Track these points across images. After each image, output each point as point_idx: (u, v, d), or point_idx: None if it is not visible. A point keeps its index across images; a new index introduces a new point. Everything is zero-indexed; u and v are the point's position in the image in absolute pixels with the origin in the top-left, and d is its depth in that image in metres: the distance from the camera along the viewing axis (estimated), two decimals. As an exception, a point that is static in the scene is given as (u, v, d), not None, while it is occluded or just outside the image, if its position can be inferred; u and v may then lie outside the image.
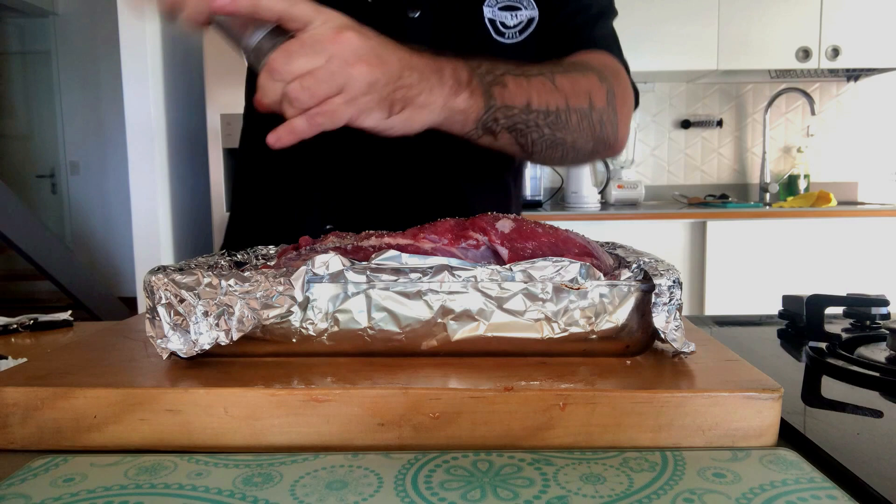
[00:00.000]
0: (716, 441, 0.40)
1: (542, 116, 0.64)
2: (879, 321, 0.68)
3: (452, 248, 0.50)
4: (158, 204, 2.74)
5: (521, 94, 0.62)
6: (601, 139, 0.72)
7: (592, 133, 0.70)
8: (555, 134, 0.67)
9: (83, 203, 5.16)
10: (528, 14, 0.79)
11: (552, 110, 0.65)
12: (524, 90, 0.63)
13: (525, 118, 0.63)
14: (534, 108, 0.63)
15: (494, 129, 0.62)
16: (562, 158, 0.73)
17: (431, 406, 0.40)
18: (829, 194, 2.67)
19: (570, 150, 0.71)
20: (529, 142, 0.66)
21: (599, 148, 0.74)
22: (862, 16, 2.62)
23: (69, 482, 0.35)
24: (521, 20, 0.78)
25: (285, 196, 0.86)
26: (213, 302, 0.44)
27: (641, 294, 0.46)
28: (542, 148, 0.68)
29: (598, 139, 0.72)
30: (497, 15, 0.78)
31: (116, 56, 2.72)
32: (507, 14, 0.78)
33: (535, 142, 0.66)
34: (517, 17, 0.78)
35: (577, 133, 0.69)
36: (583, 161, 0.78)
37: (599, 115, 0.70)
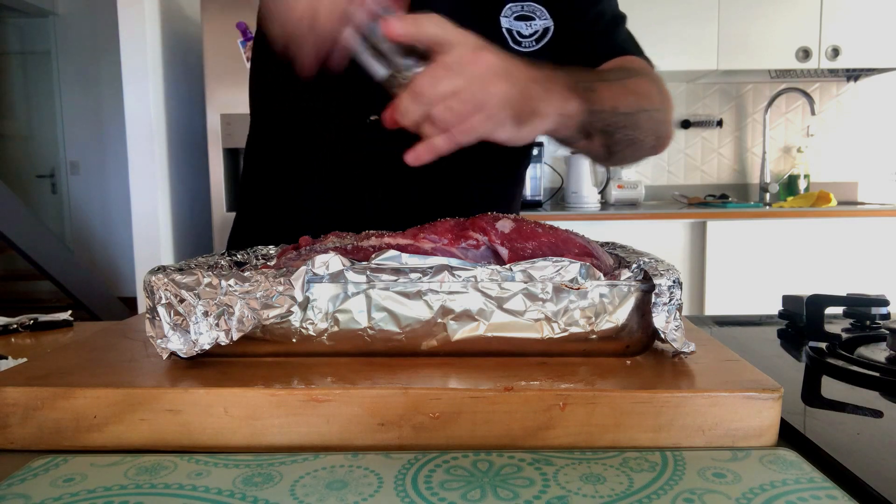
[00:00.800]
0: (716, 441, 0.40)
1: (624, 118, 0.68)
2: (879, 321, 0.68)
3: (452, 248, 0.50)
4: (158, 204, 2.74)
5: (609, 99, 0.66)
6: (659, 135, 0.76)
7: (655, 131, 0.74)
8: (633, 134, 0.71)
9: (83, 203, 5.16)
10: (543, 24, 0.81)
11: (631, 112, 0.69)
12: (610, 94, 0.66)
13: (613, 120, 0.66)
14: (619, 111, 0.67)
15: (591, 131, 0.65)
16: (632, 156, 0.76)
17: (431, 406, 0.40)
18: (829, 194, 2.67)
19: (638, 148, 0.74)
20: (614, 142, 0.69)
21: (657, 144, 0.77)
22: (862, 16, 2.62)
23: (69, 482, 0.35)
24: (536, 30, 0.81)
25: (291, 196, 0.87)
26: (213, 302, 0.44)
27: (641, 294, 0.46)
28: (622, 147, 0.71)
29: (658, 136, 0.76)
30: (513, 25, 0.80)
31: (116, 56, 2.72)
32: (522, 24, 0.81)
33: (618, 142, 0.70)
34: (532, 27, 0.81)
35: (646, 132, 0.73)
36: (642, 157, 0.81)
37: (660, 114, 0.74)
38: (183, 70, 2.97)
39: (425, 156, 0.54)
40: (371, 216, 0.81)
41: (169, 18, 2.84)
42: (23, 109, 5.18)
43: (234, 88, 2.62)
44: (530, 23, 0.81)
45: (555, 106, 0.58)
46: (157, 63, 2.76)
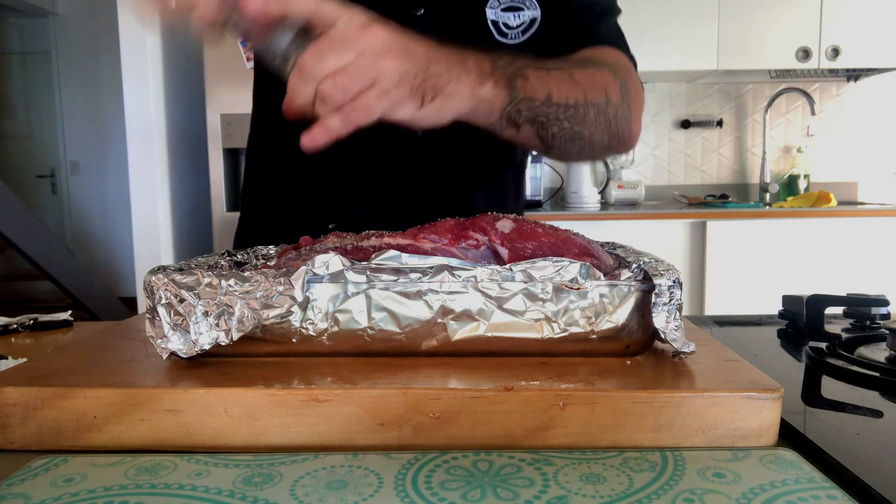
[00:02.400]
0: (716, 441, 0.40)
1: (562, 110, 0.65)
2: (879, 321, 0.68)
3: (452, 248, 0.50)
4: (158, 204, 2.74)
5: (543, 86, 0.63)
6: (616, 134, 0.72)
7: (608, 128, 0.71)
8: (574, 128, 0.67)
9: (83, 203, 5.16)
10: (531, 14, 0.79)
11: (571, 104, 0.65)
12: (545, 83, 0.63)
13: (546, 111, 0.63)
14: (554, 101, 0.64)
15: (518, 120, 0.62)
16: (579, 153, 0.73)
17: (431, 406, 0.40)
18: (829, 194, 2.67)
19: (587, 145, 0.71)
20: (550, 135, 0.66)
21: (614, 143, 0.74)
22: (862, 16, 2.62)
23: (69, 482, 0.35)
24: (523, 21, 0.79)
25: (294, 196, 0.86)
26: (213, 302, 0.44)
27: (641, 294, 0.46)
28: (561, 142, 0.68)
29: (613, 134, 0.72)
30: (500, 16, 0.78)
31: (116, 56, 2.72)
32: (509, 15, 0.78)
33: (555, 135, 0.66)
34: (520, 18, 0.79)
35: (594, 127, 0.69)
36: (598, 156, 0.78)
37: (615, 109, 0.70)
38: (183, 70, 2.97)
39: (320, 138, 0.50)
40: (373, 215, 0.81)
41: (169, 18, 2.84)
42: (23, 109, 5.18)
43: (234, 88, 2.61)
44: (518, 13, 0.79)
45: (466, 87, 0.55)
46: (157, 63, 2.76)
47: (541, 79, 0.63)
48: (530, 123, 0.63)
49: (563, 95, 0.65)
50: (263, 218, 0.90)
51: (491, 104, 0.58)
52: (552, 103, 0.63)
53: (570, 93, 0.65)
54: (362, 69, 0.49)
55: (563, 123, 0.66)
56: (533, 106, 0.62)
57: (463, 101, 0.56)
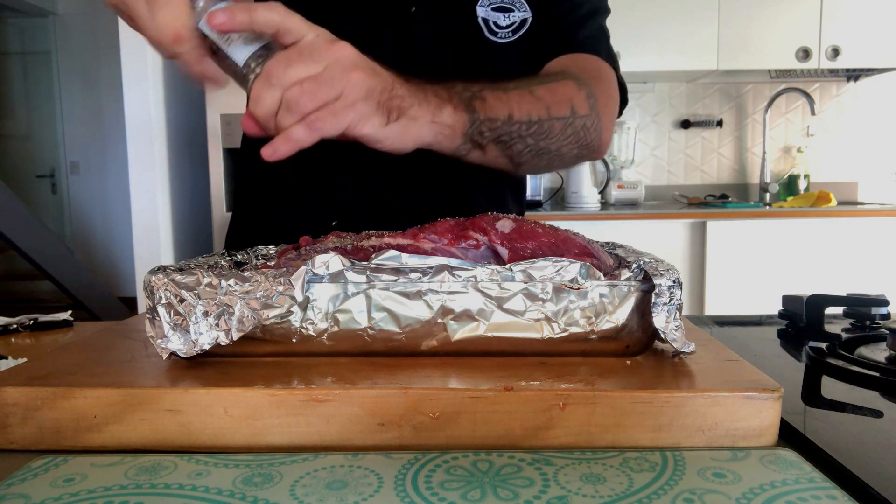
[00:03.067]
0: (716, 441, 0.40)
1: (525, 127, 0.66)
2: (879, 321, 0.68)
3: (452, 248, 0.50)
4: (158, 204, 2.74)
5: (502, 106, 0.64)
6: (585, 144, 0.73)
7: (576, 139, 0.72)
8: (538, 143, 0.68)
9: (83, 203, 5.16)
10: (521, 15, 0.80)
11: (534, 120, 0.66)
12: (504, 102, 0.64)
13: (509, 129, 0.64)
14: (516, 118, 0.65)
15: (481, 142, 0.63)
16: (548, 166, 0.74)
17: (431, 406, 0.40)
18: (829, 194, 2.67)
19: (555, 158, 0.72)
20: (515, 153, 0.67)
21: (584, 153, 0.75)
22: (862, 16, 2.62)
23: (69, 482, 0.35)
24: (513, 21, 0.79)
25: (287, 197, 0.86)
26: (213, 302, 0.44)
27: (641, 294, 0.46)
28: (528, 158, 0.69)
29: (582, 144, 0.73)
30: (490, 15, 0.79)
31: (116, 56, 2.72)
32: (499, 15, 0.79)
33: (521, 152, 0.67)
34: (510, 18, 0.79)
35: (560, 140, 0.70)
36: (568, 166, 0.80)
37: (583, 120, 0.71)
38: (183, 70, 2.96)
39: (283, 147, 0.49)
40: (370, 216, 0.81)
41: (169, 18, 2.84)
42: (23, 109, 5.18)
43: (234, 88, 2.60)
44: (508, 14, 0.79)
45: (426, 111, 0.56)
46: (157, 63, 2.76)
47: (499, 99, 0.64)
48: (495, 143, 0.64)
49: (525, 112, 0.65)
50: (257, 219, 0.90)
51: (453, 129, 0.59)
52: (514, 121, 0.64)
53: (531, 109, 0.66)
54: (330, 79, 0.49)
55: (527, 140, 0.66)
56: (495, 126, 0.63)
57: (424, 126, 0.56)
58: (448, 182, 0.84)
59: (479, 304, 0.45)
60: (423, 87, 0.58)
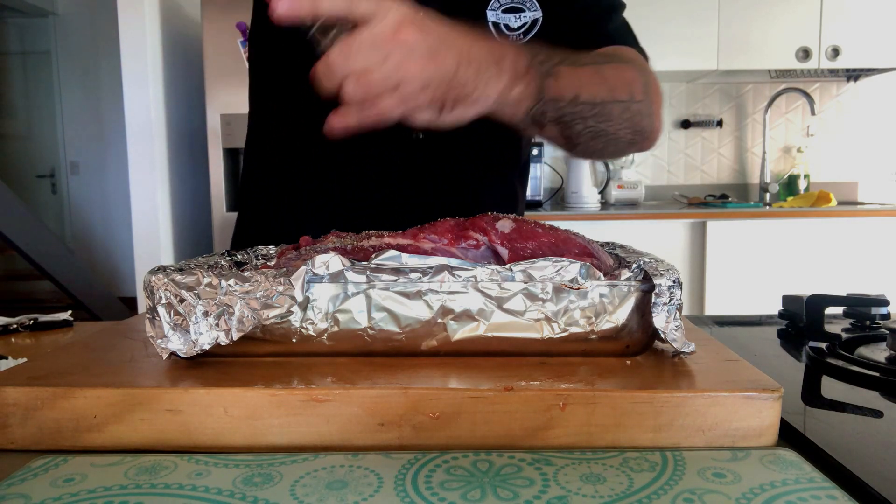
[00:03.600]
0: (716, 441, 0.40)
1: (588, 108, 0.64)
2: (879, 321, 0.68)
3: (452, 248, 0.50)
4: (158, 204, 2.74)
5: (572, 85, 0.62)
6: (639, 130, 0.72)
7: (631, 124, 0.70)
8: (598, 125, 0.67)
9: (83, 203, 5.16)
10: (532, 16, 0.79)
11: (598, 102, 0.65)
12: (574, 82, 0.62)
13: (572, 110, 0.63)
14: (581, 100, 0.63)
15: (542, 121, 0.61)
16: (602, 150, 0.72)
17: (431, 406, 0.40)
18: (829, 194, 2.67)
19: (610, 142, 0.70)
20: (574, 133, 0.66)
21: (637, 139, 0.74)
22: (862, 16, 2.62)
23: (69, 482, 0.35)
24: (524, 22, 0.79)
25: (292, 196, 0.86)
26: (213, 302, 0.44)
27: (641, 294, 0.46)
28: (585, 139, 0.67)
29: (636, 130, 0.72)
30: (501, 18, 0.78)
31: (116, 56, 2.72)
32: (510, 17, 0.78)
33: (580, 133, 0.66)
34: (521, 20, 0.78)
35: (618, 124, 0.69)
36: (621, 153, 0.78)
37: (638, 106, 0.70)
38: (183, 70, 2.97)
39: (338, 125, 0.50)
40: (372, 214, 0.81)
41: (169, 18, 2.84)
42: (23, 109, 5.18)
43: (234, 88, 2.62)
44: (519, 15, 0.78)
45: (493, 90, 0.55)
46: (157, 63, 2.76)
47: (571, 77, 0.62)
48: (555, 123, 0.63)
49: (591, 94, 0.64)
50: (262, 219, 0.90)
51: (517, 106, 0.58)
52: (579, 102, 0.63)
53: (597, 91, 0.65)
54: (386, 73, 0.48)
55: (587, 122, 0.65)
56: (559, 106, 0.61)
57: (487, 103, 0.55)
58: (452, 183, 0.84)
59: (479, 304, 0.45)
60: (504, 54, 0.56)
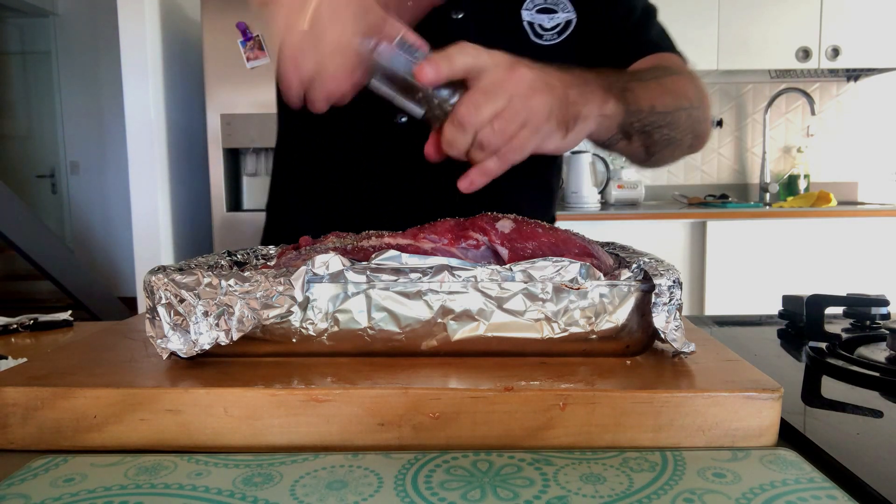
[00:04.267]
0: (716, 441, 0.40)
1: (662, 118, 0.68)
2: (879, 321, 0.68)
3: (452, 248, 0.50)
4: (158, 204, 2.74)
5: (646, 98, 0.65)
6: (697, 134, 0.75)
7: (692, 129, 0.73)
8: (671, 133, 0.70)
9: (83, 203, 5.16)
10: (566, 17, 0.81)
11: (669, 111, 0.68)
12: (647, 94, 0.66)
13: (651, 120, 0.66)
14: (657, 110, 0.66)
15: (630, 132, 0.65)
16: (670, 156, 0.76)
17: (431, 406, 0.40)
18: (829, 194, 2.67)
19: (676, 148, 0.74)
20: (653, 142, 0.69)
21: (695, 143, 0.77)
22: (862, 16, 2.62)
23: (69, 482, 0.35)
24: (558, 23, 0.81)
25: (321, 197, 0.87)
26: (213, 302, 0.44)
27: (641, 294, 0.46)
28: (660, 147, 0.71)
29: (695, 135, 0.75)
30: (535, 18, 0.80)
31: (116, 56, 2.72)
32: (544, 17, 0.80)
33: (657, 142, 0.69)
34: (554, 20, 0.80)
35: (684, 131, 0.72)
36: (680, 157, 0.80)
37: (697, 112, 0.73)
38: (183, 70, 2.97)
39: (479, 181, 0.54)
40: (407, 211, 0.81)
41: (169, 18, 2.85)
42: (23, 109, 5.18)
43: (234, 88, 2.62)
44: (552, 16, 0.80)
45: (595, 107, 0.58)
46: (157, 63, 2.76)
47: (643, 90, 0.65)
48: (639, 133, 0.66)
49: (663, 104, 0.67)
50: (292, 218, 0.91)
51: (612, 120, 0.61)
52: (655, 112, 0.66)
53: (666, 100, 0.68)
54: (515, 112, 0.51)
55: (663, 130, 0.68)
56: (641, 117, 0.65)
57: (594, 120, 0.58)
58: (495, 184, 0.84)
59: (479, 304, 0.45)
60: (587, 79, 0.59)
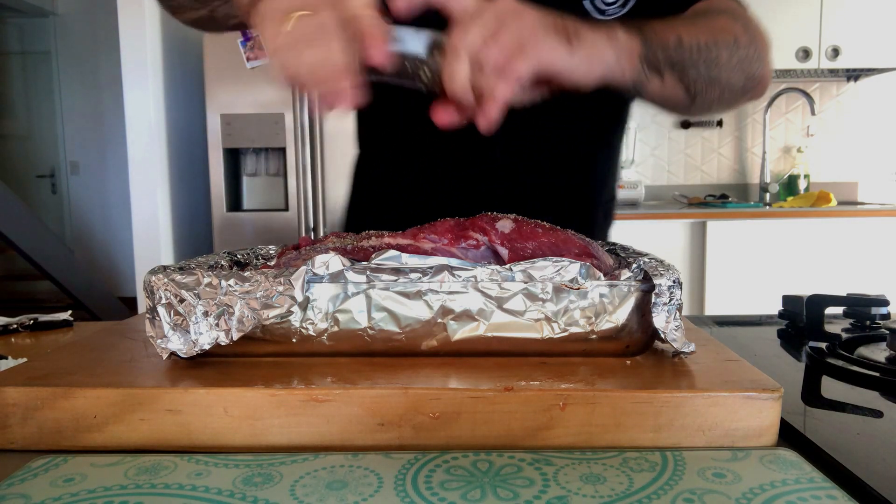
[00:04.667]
0: (716, 441, 0.40)
1: (696, 51, 0.65)
2: (879, 321, 0.68)
3: (452, 248, 0.50)
4: (158, 204, 2.74)
5: (670, 31, 0.63)
6: (750, 75, 0.72)
7: (742, 68, 0.70)
8: (710, 72, 0.67)
9: (83, 203, 5.16)
10: None
11: (703, 45, 0.65)
12: (671, 29, 0.63)
13: (681, 54, 0.63)
14: (686, 43, 0.63)
15: (659, 66, 0.62)
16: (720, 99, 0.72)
17: (431, 406, 0.40)
18: (829, 194, 2.67)
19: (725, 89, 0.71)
20: (690, 81, 0.66)
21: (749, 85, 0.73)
22: (862, 16, 2.62)
23: (69, 482, 0.35)
24: None
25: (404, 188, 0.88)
26: (213, 302, 0.44)
27: (641, 294, 0.46)
28: (702, 87, 0.68)
29: (748, 76, 0.72)
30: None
31: (116, 56, 2.72)
32: None
33: (695, 81, 0.66)
34: None
35: (729, 70, 0.69)
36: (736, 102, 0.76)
37: (745, 51, 0.70)
38: (183, 70, 2.97)
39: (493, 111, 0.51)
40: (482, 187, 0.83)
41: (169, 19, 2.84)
42: (23, 109, 5.18)
43: (234, 88, 2.62)
44: None
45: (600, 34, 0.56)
46: (157, 63, 2.76)
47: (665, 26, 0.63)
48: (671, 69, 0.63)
49: (693, 37, 0.64)
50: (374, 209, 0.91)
51: (630, 52, 0.58)
52: (684, 46, 0.63)
53: (698, 34, 0.65)
54: (507, 28, 0.50)
55: (699, 67, 0.65)
56: (667, 49, 0.62)
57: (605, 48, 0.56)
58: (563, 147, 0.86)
59: (479, 304, 0.45)
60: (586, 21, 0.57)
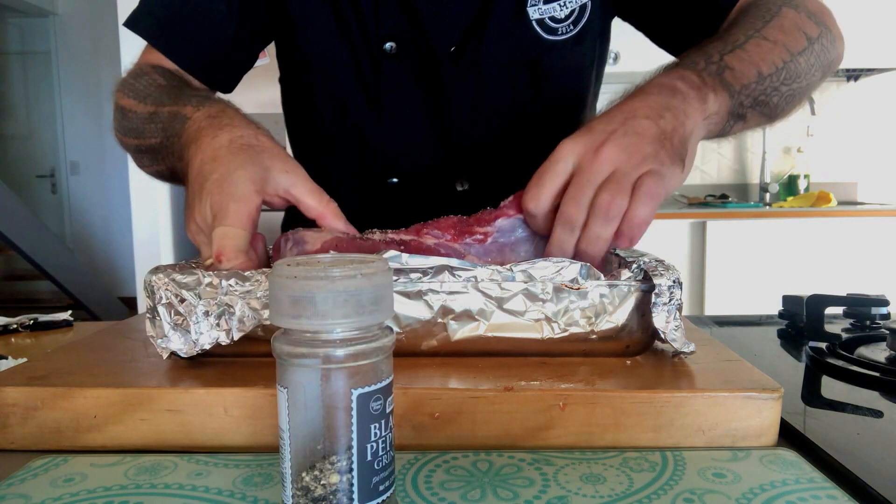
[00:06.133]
0: (716, 441, 0.40)
1: (775, 77, 0.62)
2: (879, 321, 0.68)
3: (455, 244, 0.50)
4: (158, 204, 2.74)
5: (749, 67, 0.60)
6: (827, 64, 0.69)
7: (820, 65, 0.67)
8: (791, 87, 0.64)
9: (83, 203, 5.16)
10: (580, 1, 0.73)
11: (780, 67, 0.62)
12: (749, 62, 0.60)
13: (762, 88, 0.61)
14: (765, 73, 0.61)
15: (743, 113, 0.60)
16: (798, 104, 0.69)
17: (431, 406, 0.40)
18: (829, 194, 2.67)
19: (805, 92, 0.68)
20: (772, 108, 0.64)
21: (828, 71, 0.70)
22: (862, 16, 2.61)
23: (69, 482, 0.35)
24: (572, 9, 0.73)
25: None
26: (213, 301, 0.44)
27: (641, 294, 0.46)
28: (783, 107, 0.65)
29: (825, 67, 0.69)
30: (544, 12, 0.73)
31: (116, 56, 2.72)
32: (554, 6, 0.73)
33: (777, 105, 0.64)
34: (568, 7, 0.73)
35: (808, 75, 0.66)
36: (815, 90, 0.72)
37: (819, 43, 0.67)
38: (183, 70, 2.96)
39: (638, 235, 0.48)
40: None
41: (169, 18, 2.84)
42: (23, 109, 5.18)
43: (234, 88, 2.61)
44: (564, 2, 0.72)
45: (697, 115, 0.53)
46: (157, 63, 2.75)
47: (743, 60, 0.60)
48: (753, 108, 0.61)
49: (770, 63, 0.61)
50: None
51: (720, 114, 0.56)
52: (764, 77, 0.61)
53: (773, 57, 0.62)
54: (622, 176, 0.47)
55: (780, 90, 0.63)
56: (750, 91, 0.59)
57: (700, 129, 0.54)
58: None
59: (479, 304, 0.45)
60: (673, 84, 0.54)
